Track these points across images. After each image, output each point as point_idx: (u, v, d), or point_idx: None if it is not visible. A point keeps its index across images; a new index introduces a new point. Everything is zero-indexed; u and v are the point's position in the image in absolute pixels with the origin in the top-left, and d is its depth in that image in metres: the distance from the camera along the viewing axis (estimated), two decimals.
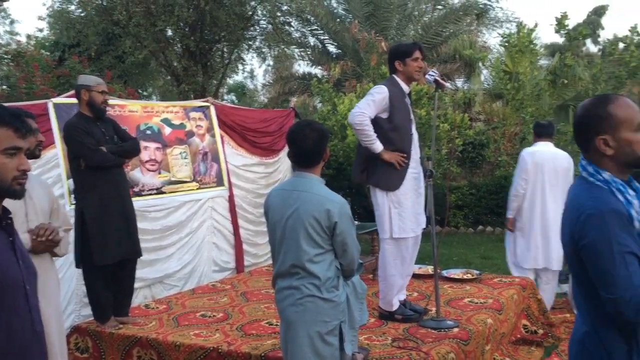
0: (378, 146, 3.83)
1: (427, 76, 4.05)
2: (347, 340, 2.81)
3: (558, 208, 4.83)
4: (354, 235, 2.80)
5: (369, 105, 3.83)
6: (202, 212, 6.09)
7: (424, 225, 4.11)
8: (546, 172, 5.17)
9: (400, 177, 3.91)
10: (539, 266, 5.27)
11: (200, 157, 6.15)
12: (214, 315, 4.37)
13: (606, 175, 1.75)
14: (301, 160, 2.83)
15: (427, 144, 7.53)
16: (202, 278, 5.96)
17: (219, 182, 6.33)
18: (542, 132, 5.38)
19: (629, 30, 10.10)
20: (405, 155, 3.90)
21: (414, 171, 3.99)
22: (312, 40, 18.05)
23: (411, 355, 3.40)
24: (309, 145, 2.76)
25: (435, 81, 4.01)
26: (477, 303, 4.46)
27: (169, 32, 13.18)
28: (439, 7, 18.12)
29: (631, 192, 1.72)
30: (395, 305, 4.08)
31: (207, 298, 4.94)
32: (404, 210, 3.92)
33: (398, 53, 4.03)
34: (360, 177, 4.06)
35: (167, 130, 5.85)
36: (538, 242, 5.23)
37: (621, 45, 10.31)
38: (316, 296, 2.70)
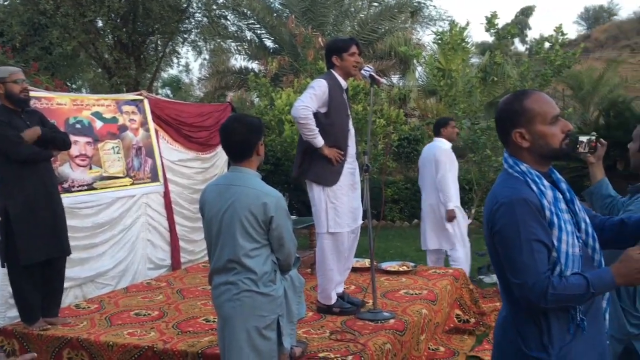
0: (319, 141, 3.84)
1: (362, 71, 4.08)
2: (285, 334, 2.81)
3: (427, 197, 5.95)
4: (291, 229, 2.80)
5: (311, 99, 3.83)
6: (136, 208, 5.93)
7: (361, 220, 4.15)
8: (421, 166, 6.11)
9: (336, 173, 3.94)
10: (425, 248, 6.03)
11: (133, 152, 5.98)
12: (148, 314, 4.27)
13: (523, 167, 1.82)
14: (232, 154, 2.85)
15: (363, 139, 7.63)
16: (137, 276, 5.81)
17: (154, 178, 6.18)
18: (434, 130, 6.11)
19: (554, 30, 10.51)
20: (342, 152, 3.93)
21: (350, 166, 4.02)
22: (248, 35, 17.92)
23: (349, 347, 3.43)
24: (236, 138, 2.75)
25: (371, 76, 4.05)
26: (412, 294, 4.56)
27: (100, 23, 12.74)
28: (375, 4, 18.37)
29: (546, 183, 1.79)
30: (334, 299, 4.11)
31: (142, 296, 4.82)
32: (340, 205, 3.96)
33: (335, 48, 4.04)
34: (298, 171, 4.07)
35: (98, 124, 5.65)
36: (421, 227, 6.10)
37: (547, 44, 10.71)
38: (253, 291, 2.68)
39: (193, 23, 14.19)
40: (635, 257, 1.68)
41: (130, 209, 5.84)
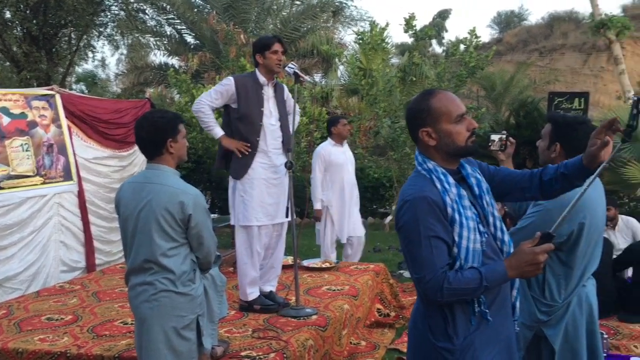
0: (217, 132, 4.03)
1: (287, 68, 4.13)
2: (205, 334, 2.77)
3: None
4: (210, 227, 2.75)
5: (210, 95, 4.03)
6: (48, 208, 5.65)
7: (283, 218, 4.15)
8: None
9: (244, 166, 3.99)
10: None
11: (44, 149, 5.68)
12: (61, 318, 4.08)
13: (430, 164, 1.87)
14: (143, 152, 2.77)
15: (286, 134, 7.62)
16: (49, 279, 5.53)
17: (67, 177, 5.91)
18: (327, 129, 6.20)
19: (469, 34, 10.95)
20: (248, 145, 3.97)
21: (264, 161, 4.03)
22: (168, 30, 17.51)
23: (271, 345, 3.43)
24: (144, 136, 2.68)
25: (295, 74, 4.08)
26: (334, 290, 4.62)
27: (7, 14, 12.02)
28: (297, 2, 18.45)
29: (451, 180, 1.84)
30: (251, 295, 4.09)
31: (54, 300, 4.59)
32: (248, 198, 3.99)
33: (258, 46, 4.07)
34: (219, 164, 4.18)
35: (5, 120, 5.34)
36: None
37: (462, 46, 11.13)
38: (171, 291, 2.62)
39: (109, 16, 13.70)
40: (526, 250, 1.75)
41: (41, 210, 5.55)
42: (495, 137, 2.66)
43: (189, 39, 17.58)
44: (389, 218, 10.44)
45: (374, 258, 7.59)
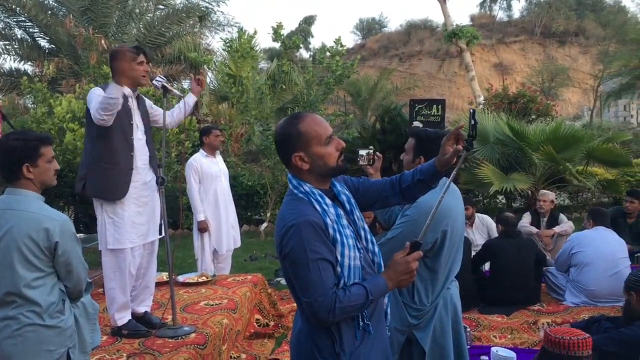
0: (111, 88, 3.46)
1: (154, 82, 3.96)
2: None
3: None
4: (80, 254, 2.60)
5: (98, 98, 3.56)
6: None
7: (152, 236, 3.98)
8: None
9: (124, 184, 3.71)
10: None
11: None
12: None
13: (307, 187, 1.92)
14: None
15: (156, 147, 7.38)
16: None
17: None
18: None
19: (334, 42, 11.31)
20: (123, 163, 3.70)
21: (135, 179, 3.78)
22: (19, 33, 16.22)
23: None
24: None
25: (163, 87, 3.95)
26: (212, 305, 4.55)
27: None
28: (161, 6, 17.91)
29: (328, 201, 1.91)
30: (120, 321, 3.88)
31: None
32: (120, 220, 3.74)
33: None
34: (79, 185, 3.77)
35: None
36: None
37: (328, 54, 11.46)
38: (37, 324, 2.44)
39: None
40: (399, 260, 1.88)
41: None
42: (363, 152, 2.78)
43: (44, 43, 16.42)
44: (265, 225, 10.49)
45: (251, 267, 7.59)
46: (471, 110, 1.97)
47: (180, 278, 5.30)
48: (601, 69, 27.30)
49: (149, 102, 4.12)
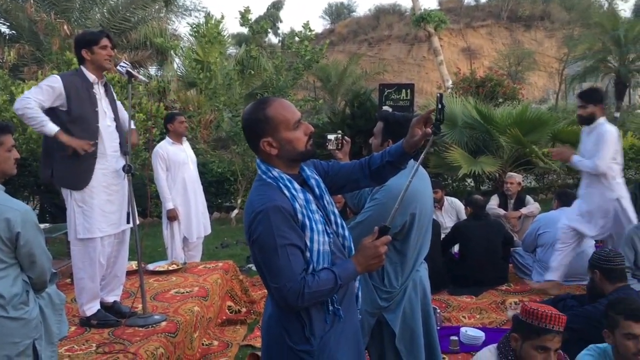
0: (51, 127, 3.49)
1: (118, 67, 3.88)
2: (44, 358, 2.57)
3: None
4: (43, 244, 2.55)
5: (36, 92, 3.51)
6: None
7: (123, 225, 3.93)
8: None
9: (86, 173, 3.65)
10: None
11: None
12: None
13: (275, 172, 1.91)
14: None
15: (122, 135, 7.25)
16: None
17: None
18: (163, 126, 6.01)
19: (302, 27, 11.25)
20: (93, 143, 3.63)
21: (103, 166, 3.73)
22: None
23: (118, 359, 3.27)
24: None
25: (128, 72, 3.87)
26: (183, 293, 4.52)
27: None
28: None
29: (297, 187, 1.90)
30: (89, 311, 3.83)
31: None
32: (89, 208, 3.68)
33: (84, 41, 3.76)
34: (45, 175, 3.70)
35: None
36: None
37: (297, 39, 11.40)
38: (1, 316, 2.39)
39: None
40: (368, 245, 1.88)
41: None
42: (331, 136, 2.78)
43: (4, 29, 15.93)
44: (235, 212, 10.44)
45: (222, 254, 7.55)
46: (438, 95, 1.98)
47: (151, 266, 5.25)
48: (566, 52, 27.76)
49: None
